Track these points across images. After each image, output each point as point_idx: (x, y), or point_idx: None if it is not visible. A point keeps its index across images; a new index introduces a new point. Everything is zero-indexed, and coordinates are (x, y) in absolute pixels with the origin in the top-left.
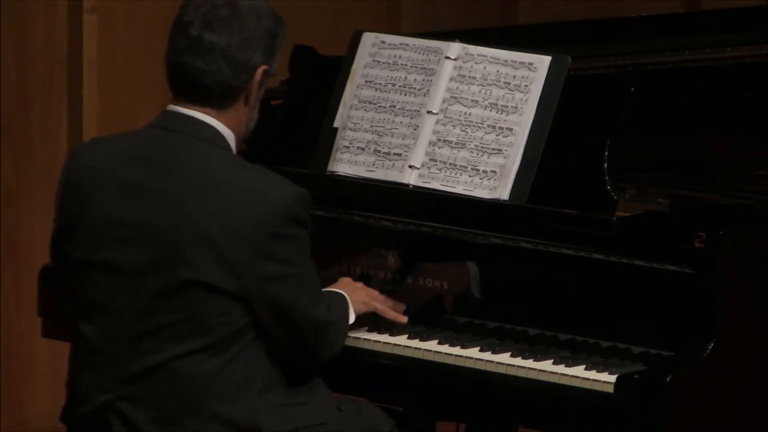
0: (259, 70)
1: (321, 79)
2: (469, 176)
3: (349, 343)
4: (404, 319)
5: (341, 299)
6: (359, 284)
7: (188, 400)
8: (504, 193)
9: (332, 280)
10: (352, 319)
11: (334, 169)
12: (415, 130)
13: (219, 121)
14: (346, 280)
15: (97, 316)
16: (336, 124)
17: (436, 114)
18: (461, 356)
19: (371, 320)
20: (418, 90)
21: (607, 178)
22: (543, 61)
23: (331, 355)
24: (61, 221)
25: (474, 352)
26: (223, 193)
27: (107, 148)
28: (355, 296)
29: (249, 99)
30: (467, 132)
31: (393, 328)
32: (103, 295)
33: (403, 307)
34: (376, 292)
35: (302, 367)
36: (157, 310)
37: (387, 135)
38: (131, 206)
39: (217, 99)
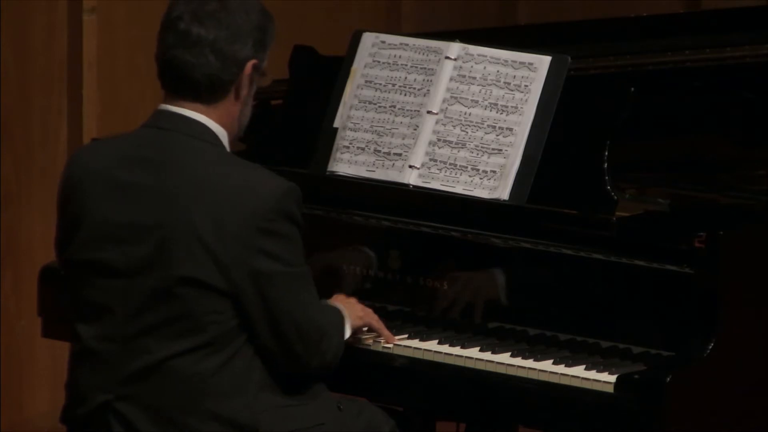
0: (249, 64)
1: (321, 79)
2: (469, 176)
3: (348, 342)
4: (395, 339)
5: (336, 312)
6: (353, 299)
7: (186, 400)
8: (504, 193)
9: (332, 280)
10: (348, 333)
11: (334, 169)
12: (415, 130)
13: (210, 118)
14: (339, 297)
15: (94, 316)
16: (336, 124)
17: (436, 114)
18: (461, 356)
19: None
20: (418, 90)
21: (607, 178)
22: (543, 61)
23: (324, 365)
24: (62, 224)
25: (474, 352)
26: (213, 190)
27: (104, 149)
28: (350, 310)
29: (240, 93)
30: (467, 132)
31: (393, 328)
32: (101, 296)
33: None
34: (368, 309)
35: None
36: (152, 308)
37: (387, 135)
38: (126, 206)
39: (207, 93)
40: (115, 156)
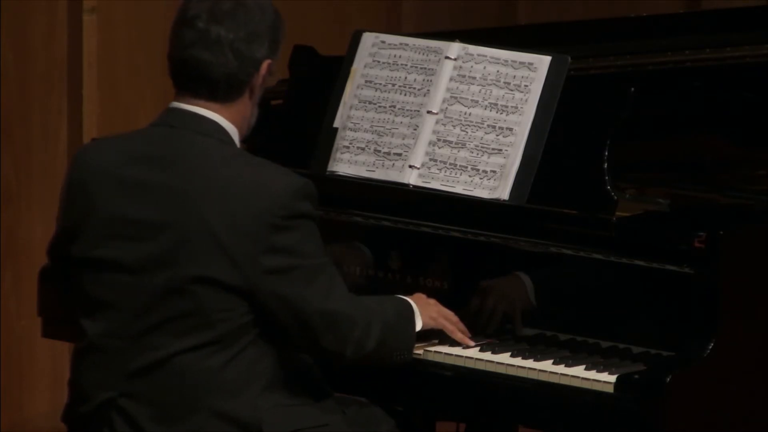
0: (265, 64)
1: (321, 79)
2: (469, 176)
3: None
4: (471, 343)
5: (402, 304)
6: (432, 300)
7: (190, 397)
8: (504, 193)
9: None
10: (418, 327)
11: (334, 169)
12: (415, 130)
13: (222, 116)
14: (419, 295)
15: (100, 313)
16: (336, 124)
17: (436, 114)
18: (462, 356)
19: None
20: (418, 90)
21: (607, 178)
22: (543, 61)
23: (361, 356)
24: (65, 221)
25: (474, 352)
26: (225, 187)
27: (111, 147)
28: (425, 309)
29: (253, 93)
30: (467, 132)
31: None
32: (108, 293)
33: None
34: (448, 311)
35: (325, 365)
36: (161, 305)
37: (387, 135)
38: (135, 203)
39: (223, 92)
40: (123, 154)
